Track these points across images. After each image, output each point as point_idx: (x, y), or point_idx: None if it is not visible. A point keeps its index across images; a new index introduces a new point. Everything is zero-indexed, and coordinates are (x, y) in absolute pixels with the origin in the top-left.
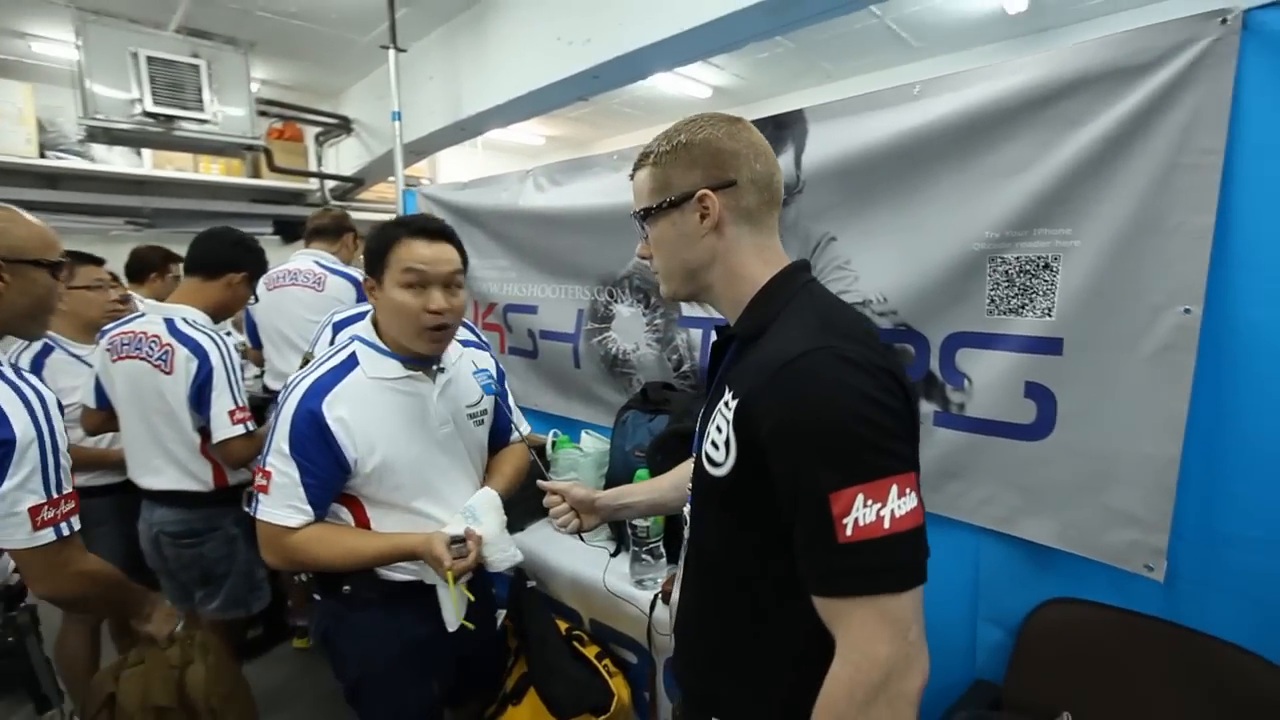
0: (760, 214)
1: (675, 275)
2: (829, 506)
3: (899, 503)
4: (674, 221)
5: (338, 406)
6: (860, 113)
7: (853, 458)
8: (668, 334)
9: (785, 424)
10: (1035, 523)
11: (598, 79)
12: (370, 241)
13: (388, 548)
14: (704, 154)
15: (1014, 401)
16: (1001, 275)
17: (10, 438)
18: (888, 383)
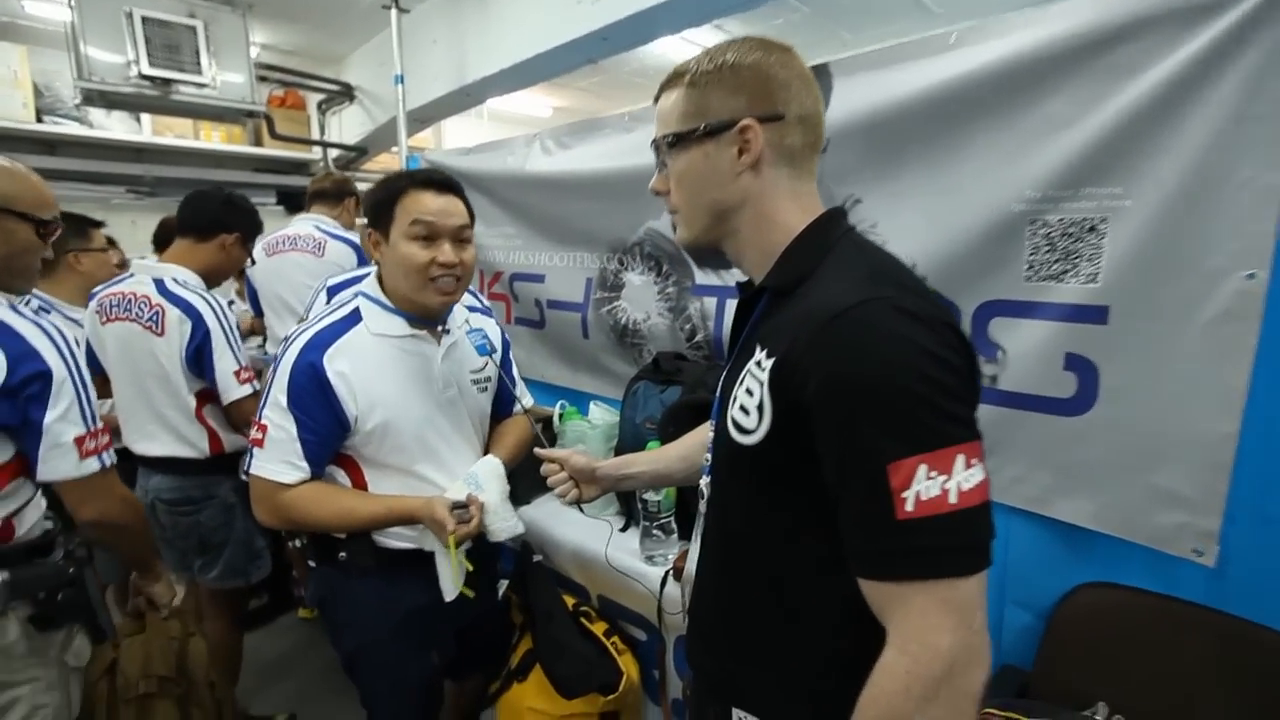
0: (803, 155)
1: (699, 216)
2: (886, 478)
3: (965, 475)
4: (707, 153)
5: (339, 360)
6: (890, 65)
7: (915, 423)
8: (680, 303)
9: (836, 383)
10: (1071, 503)
11: (606, 40)
12: (374, 193)
13: (384, 510)
14: (753, 79)
15: (1052, 374)
16: (1042, 239)
17: (45, 370)
18: (950, 338)
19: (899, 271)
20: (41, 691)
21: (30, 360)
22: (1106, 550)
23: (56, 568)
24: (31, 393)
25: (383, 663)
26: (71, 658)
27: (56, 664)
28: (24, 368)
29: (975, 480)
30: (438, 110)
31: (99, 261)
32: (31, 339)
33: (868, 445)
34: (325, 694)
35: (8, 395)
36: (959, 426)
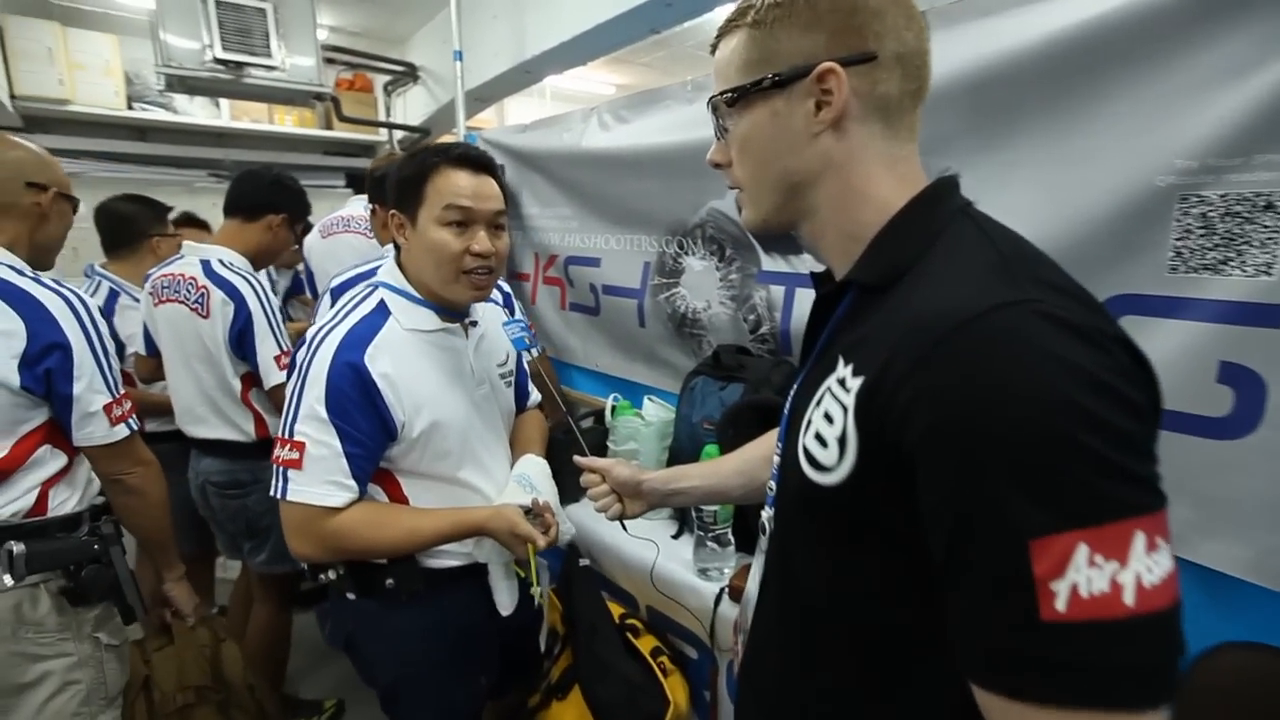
0: (901, 107)
1: (767, 192)
2: (1028, 560)
3: (1147, 562)
4: (776, 110)
5: (380, 360)
6: (1005, 10)
7: (1075, 485)
8: (744, 291)
9: (958, 427)
10: (1218, 545)
11: (670, 7)
12: (402, 169)
13: (450, 525)
14: (833, 10)
15: (1200, 386)
16: (1196, 219)
17: (63, 341)
18: (1126, 362)
19: (1044, 262)
20: (73, 668)
21: (49, 329)
22: (1262, 605)
23: (79, 543)
24: (52, 364)
25: (427, 693)
26: (106, 635)
27: (89, 641)
28: (42, 338)
29: (1161, 571)
30: (498, 89)
31: (174, 247)
32: (52, 308)
33: (1003, 513)
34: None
35: (27, 364)
36: (1139, 491)
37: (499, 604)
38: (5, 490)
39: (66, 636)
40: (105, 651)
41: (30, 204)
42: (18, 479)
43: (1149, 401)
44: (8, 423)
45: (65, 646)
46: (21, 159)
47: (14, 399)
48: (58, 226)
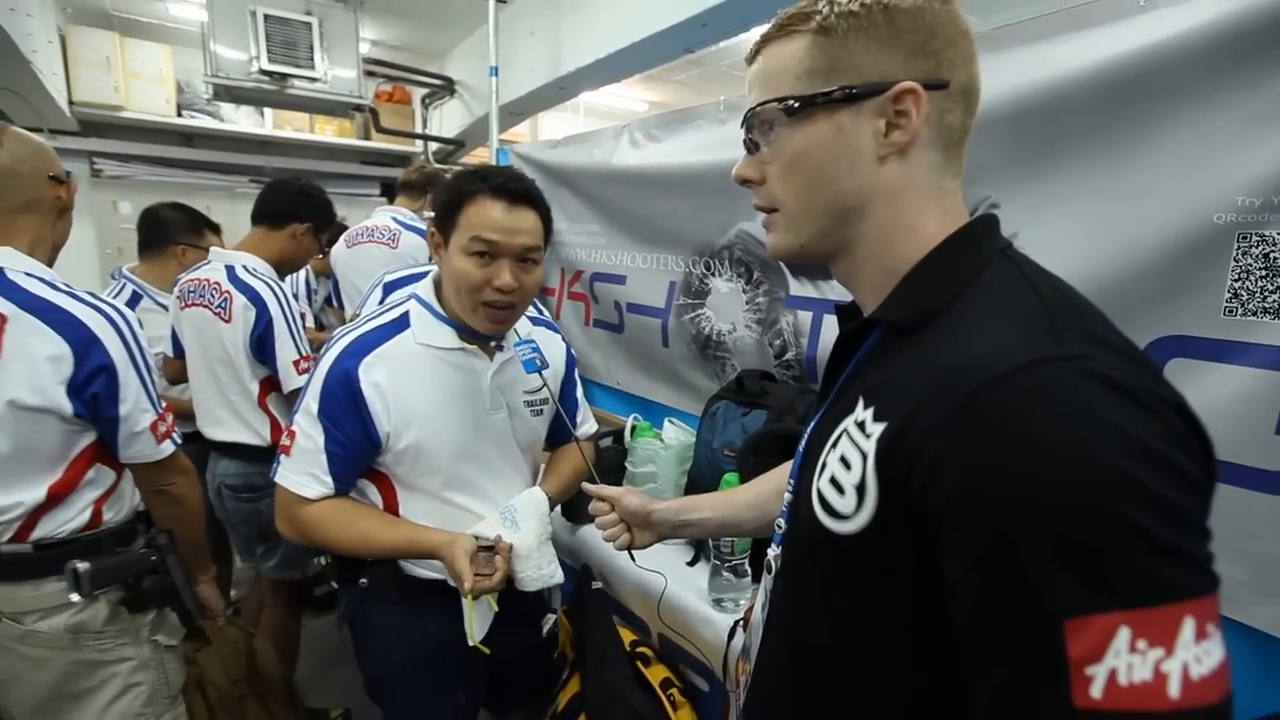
0: (959, 141)
1: (813, 217)
2: (1063, 641)
3: (1197, 651)
4: (841, 126)
5: (376, 370)
6: (1050, 37)
7: (1118, 562)
8: (771, 315)
9: (992, 487)
10: (1274, 608)
11: (706, 27)
12: (443, 192)
13: (404, 541)
14: (913, 28)
15: (1257, 437)
16: (1257, 259)
17: (108, 363)
18: (1183, 431)
19: (1093, 314)
20: (134, 670)
21: (94, 352)
22: None
23: (137, 556)
24: (98, 389)
25: (406, 696)
26: (164, 637)
27: (149, 644)
28: (89, 361)
29: (1213, 662)
30: (532, 103)
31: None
32: (94, 326)
33: (1037, 588)
34: None
35: (75, 390)
36: (1189, 572)
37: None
38: (62, 511)
39: (125, 641)
40: (165, 652)
41: (53, 198)
42: (73, 499)
43: (1203, 473)
44: (61, 447)
45: (125, 651)
46: (38, 151)
47: (65, 425)
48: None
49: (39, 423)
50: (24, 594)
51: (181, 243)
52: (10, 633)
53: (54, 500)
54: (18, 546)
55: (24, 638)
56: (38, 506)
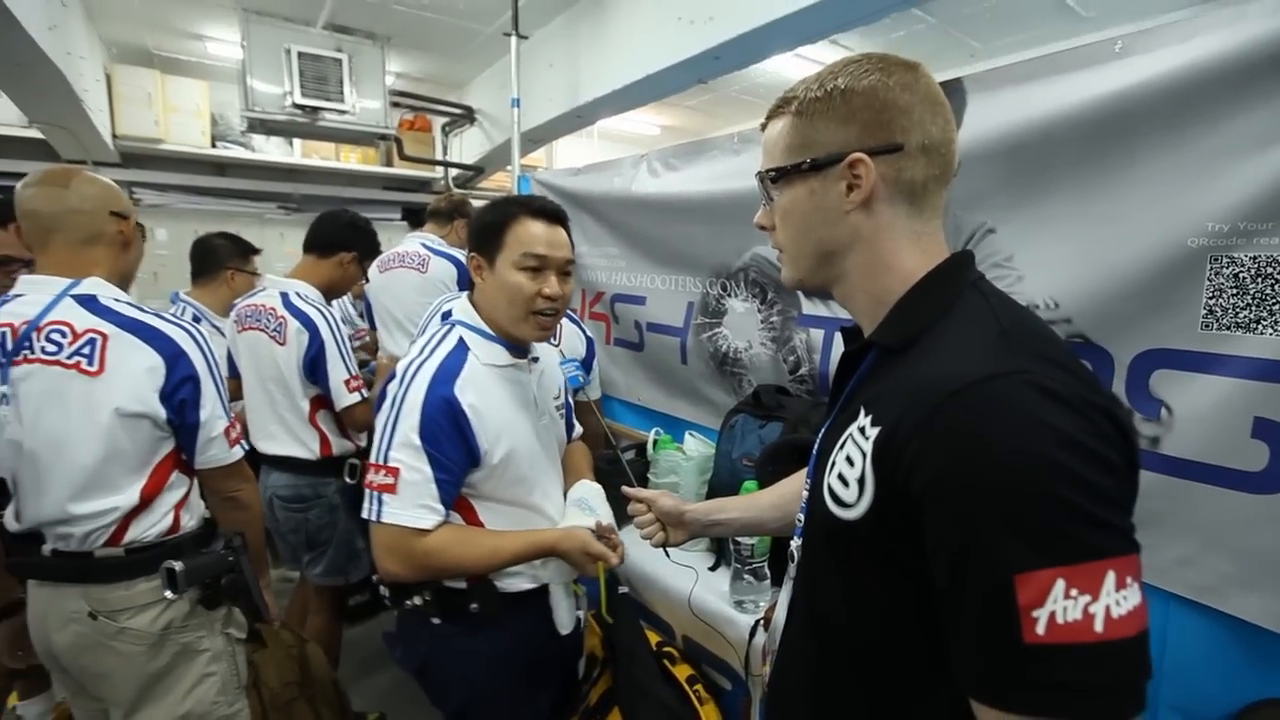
0: (926, 190)
1: (804, 257)
2: (1013, 592)
3: (1117, 596)
4: (813, 189)
5: (468, 392)
6: (1037, 78)
7: (1054, 529)
8: (784, 333)
9: (956, 476)
10: (1254, 599)
11: (719, 60)
12: (483, 216)
13: (526, 545)
14: (866, 106)
15: (1235, 441)
16: (1228, 279)
17: (194, 373)
18: (1106, 427)
19: (1041, 335)
20: (210, 661)
21: (181, 364)
22: None
23: (219, 556)
24: (185, 396)
25: (495, 715)
26: (234, 630)
27: (222, 636)
28: (177, 372)
29: (1130, 604)
30: (551, 131)
31: (248, 283)
32: (180, 341)
33: (991, 551)
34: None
35: (166, 398)
36: (1111, 536)
37: (559, 623)
38: (149, 515)
39: (203, 634)
40: (236, 645)
41: (115, 232)
42: (157, 504)
43: (1125, 461)
44: (148, 453)
45: (202, 643)
46: (103, 191)
47: (156, 430)
48: (137, 253)
49: (136, 428)
50: (117, 594)
51: (230, 267)
52: (105, 630)
53: (144, 504)
54: (111, 550)
55: (118, 634)
56: (131, 509)
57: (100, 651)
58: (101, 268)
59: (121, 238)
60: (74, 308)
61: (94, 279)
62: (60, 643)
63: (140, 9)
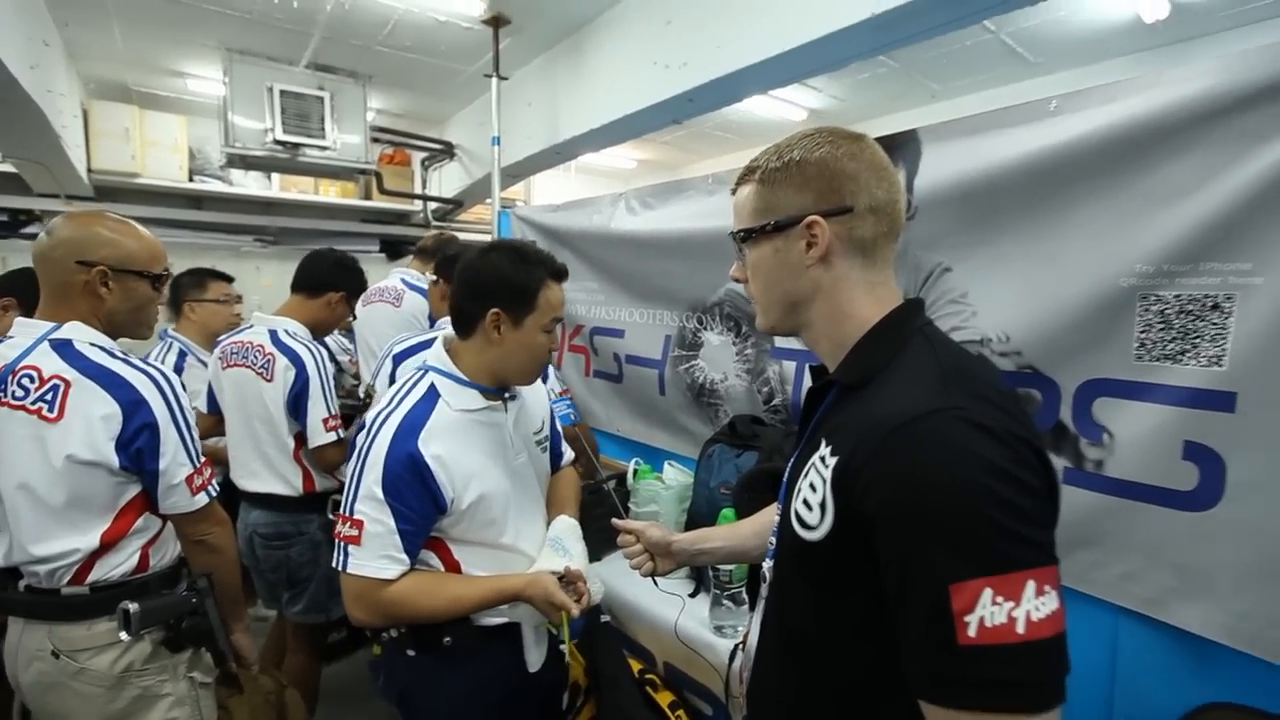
0: (876, 245)
1: (773, 306)
2: (948, 600)
3: (1036, 603)
4: (776, 247)
5: (433, 444)
6: (985, 132)
7: (981, 544)
8: (759, 365)
9: (899, 498)
10: (1193, 609)
11: (693, 102)
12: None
13: (490, 593)
14: (818, 174)
15: (1169, 463)
16: (1156, 315)
17: (152, 421)
18: (1026, 455)
19: (975, 376)
20: (172, 706)
21: (141, 412)
22: (1239, 667)
23: (180, 598)
24: (142, 444)
25: None
26: (199, 674)
27: (185, 680)
28: (135, 420)
29: (1048, 609)
30: (529, 166)
31: (211, 312)
32: (140, 387)
33: (931, 564)
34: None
35: (123, 446)
36: (1031, 550)
37: (529, 661)
38: (114, 555)
39: (165, 678)
40: (200, 689)
41: (82, 282)
42: (123, 545)
43: (1045, 487)
44: (110, 498)
45: (164, 687)
46: (72, 238)
47: (113, 477)
48: (120, 302)
49: (91, 475)
50: (78, 633)
51: (186, 300)
52: (66, 669)
53: (106, 546)
54: (76, 589)
55: (77, 675)
56: (92, 552)
57: (61, 691)
58: (81, 315)
59: (88, 287)
60: (48, 353)
61: (73, 324)
62: (25, 680)
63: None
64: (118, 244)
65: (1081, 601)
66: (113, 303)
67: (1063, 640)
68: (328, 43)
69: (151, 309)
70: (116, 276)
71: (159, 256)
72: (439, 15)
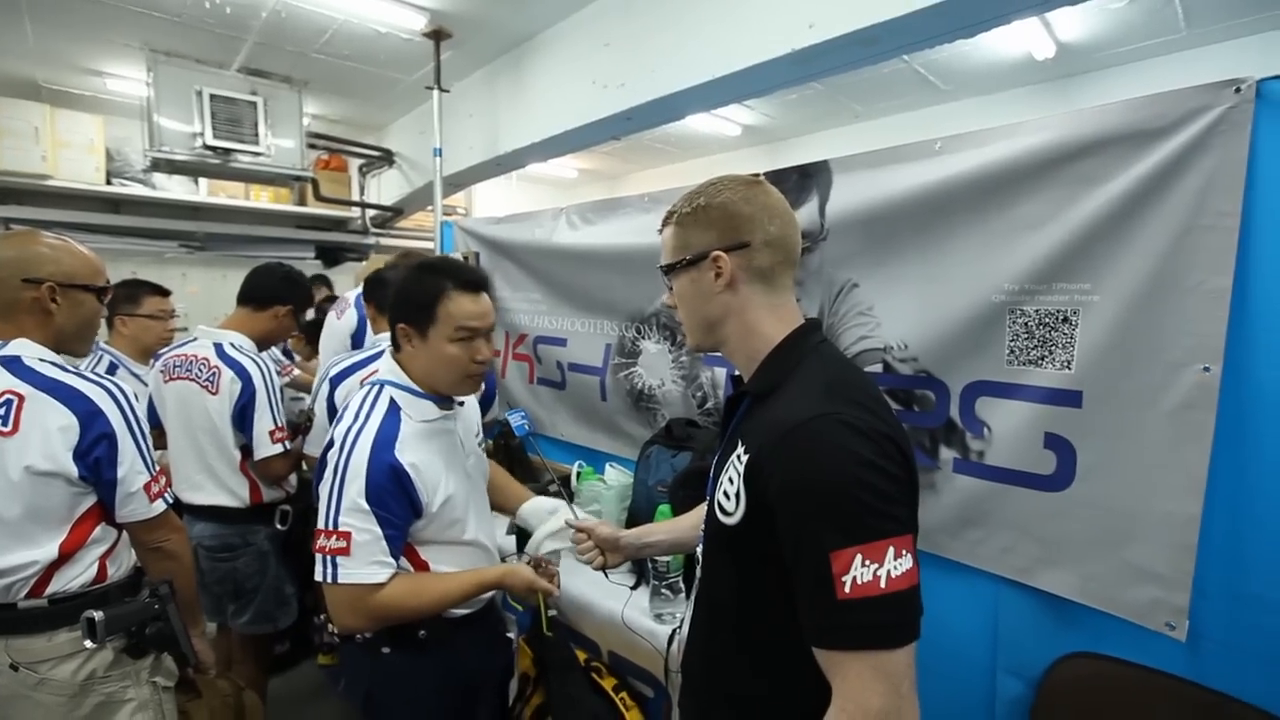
0: (774, 273)
1: (696, 328)
2: (829, 564)
3: (895, 564)
4: (693, 278)
5: (407, 453)
6: (884, 165)
7: (852, 520)
8: (692, 371)
9: (791, 485)
10: (1055, 574)
11: (630, 120)
12: (409, 288)
13: (472, 585)
14: (720, 216)
15: (1034, 452)
16: (1021, 327)
17: (109, 431)
18: (889, 449)
19: (853, 385)
20: (135, 711)
21: (98, 422)
22: (1093, 622)
23: (143, 605)
24: (100, 454)
25: None
26: (161, 679)
27: (148, 685)
28: (92, 430)
29: (903, 568)
30: (471, 176)
31: (143, 327)
32: (97, 400)
33: (814, 537)
34: None
35: (81, 456)
36: (891, 523)
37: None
38: (72, 567)
39: (128, 684)
40: (163, 693)
41: (30, 300)
42: (81, 555)
43: (904, 474)
44: (67, 509)
45: (127, 693)
46: (23, 256)
47: (70, 488)
48: (68, 317)
49: (49, 486)
50: (38, 645)
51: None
52: (27, 681)
53: (65, 557)
54: (34, 602)
55: (38, 685)
56: (51, 563)
57: (22, 704)
58: (27, 333)
59: (38, 304)
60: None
61: (20, 341)
62: None
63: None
64: (60, 260)
65: (969, 573)
66: (61, 318)
67: (916, 592)
68: (261, 48)
69: (97, 322)
70: (64, 292)
71: (100, 270)
72: (379, 26)
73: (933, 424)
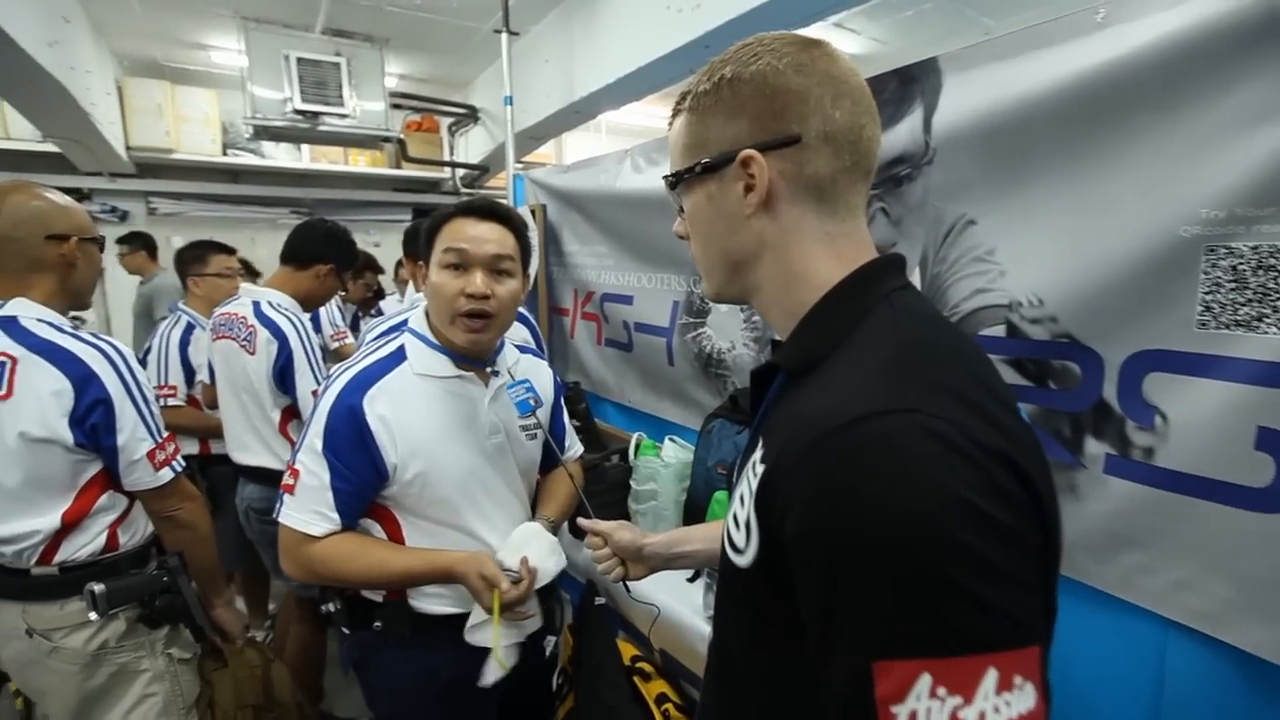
0: (837, 185)
1: (715, 269)
2: (871, 681)
3: (997, 701)
4: (710, 194)
5: (380, 403)
6: (1018, 54)
7: (923, 609)
8: (766, 333)
9: (824, 534)
10: (1261, 629)
11: (709, 49)
12: (425, 225)
13: (422, 564)
14: (755, 95)
15: (1236, 453)
16: (1226, 271)
17: (105, 396)
18: (1003, 480)
19: (946, 360)
20: (150, 682)
21: (92, 387)
22: None
23: (150, 577)
24: (97, 420)
25: None
26: (177, 650)
27: (163, 657)
28: (87, 395)
29: (1016, 711)
30: (549, 127)
31: (213, 285)
32: (90, 362)
33: (854, 628)
34: None
35: (76, 422)
36: (1000, 625)
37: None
38: (79, 536)
39: (142, 655)
40: (179, 665)
41: (56, 255)
42: (88, 524)
43: (1025, 522)
44: (69, 476)
45: (141, 664)
46: (40, 211)
47: (70, 455)
48: (86, 271)
49: (47, 453)
50: (51, 612)
51: (190, 275)
52: (41, 648)
53: (69, 526)
54: (45, 569)
55: (52, 653)
56: (55, 532)
57: (37, 669)
58: (39, 291)
59: (63, 260)
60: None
61: (19, 300)
62: (5, 656)
63: (145, 23)
64: (73, 213)
65: (1124, 611)
66: (81, 272)
67: None
68: (338, 5)
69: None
70: (82, 245)
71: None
72: None
73: (1076, 407)
